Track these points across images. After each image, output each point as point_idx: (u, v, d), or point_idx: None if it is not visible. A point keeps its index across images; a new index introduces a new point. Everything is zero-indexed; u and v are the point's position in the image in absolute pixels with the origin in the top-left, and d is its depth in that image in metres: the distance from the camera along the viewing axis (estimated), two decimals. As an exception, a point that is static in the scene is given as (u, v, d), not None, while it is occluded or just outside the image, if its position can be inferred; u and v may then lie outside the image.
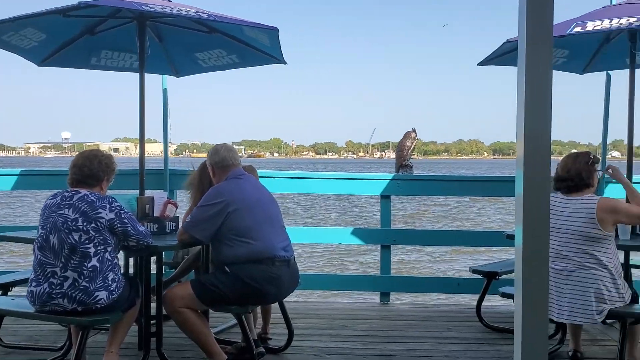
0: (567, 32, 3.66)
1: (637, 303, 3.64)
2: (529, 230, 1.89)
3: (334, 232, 5.93)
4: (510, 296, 3.97)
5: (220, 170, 3.66)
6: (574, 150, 3.95)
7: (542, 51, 1.84)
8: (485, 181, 5.21)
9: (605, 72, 5.11)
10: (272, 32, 4.01)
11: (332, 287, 6.01)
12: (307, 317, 4.82)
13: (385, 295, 5.41)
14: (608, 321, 4.37)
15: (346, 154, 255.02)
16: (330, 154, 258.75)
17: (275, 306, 4.03)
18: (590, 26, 3.63)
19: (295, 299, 5.78)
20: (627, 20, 3.54)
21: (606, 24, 3.59)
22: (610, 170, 3.79)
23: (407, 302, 5.86)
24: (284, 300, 3.92)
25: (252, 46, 4.51)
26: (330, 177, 5.52)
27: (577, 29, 3.66)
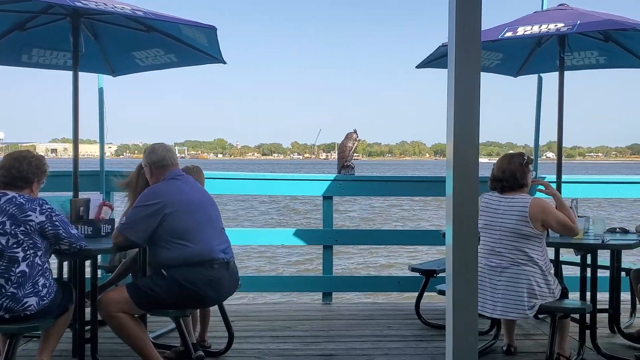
0: (499, 37, 3.78)
1: (567, 298, 3.79)
2: (458, 229, 1.94)
3: (275, 233, 5.91)
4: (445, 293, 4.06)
5: (158, 170, 3.59)
6: (510, 152, 4.07)
7: (471, 56, 1.89)
8: (422, 182, 5.31)
9: (537, 75, 5.31)
10: (210, 31, 3.96)
11: (274, 289, 6.00)
12: (249, 320, 4.79)
13: (327, 296, 5.44)
14: (540, 316, 4.55)
15: (292, 155, 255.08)
16: (276, 155, 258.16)
17: (215, 309, 3.99)
18: (521, 31, 3.77)
19: (236, 301, 5.74)
20: (555, 25, 3.69)
21: (536, 29, 3.73)
22: (543, 187, 3.91)
23: (349, 302, 5.91)
24: (224, 302, 3.88)
25: (190, 45, 4.44)
26: (272, 178, 5.50)
27: (509, 34, 3.79)
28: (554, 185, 4.76)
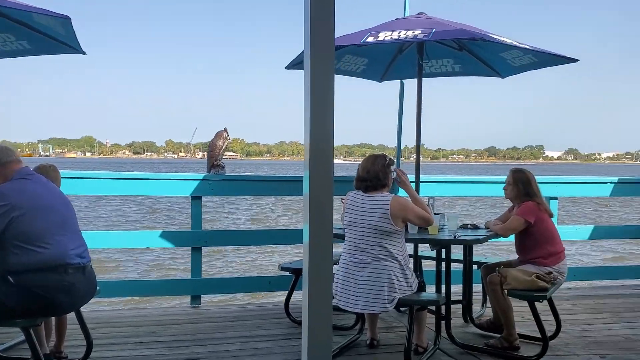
0: (362, 41, 3.91)
1: (424, 291, 4.01)
2: (314, 228, 1.97)
3: (140, 235, 5.66)
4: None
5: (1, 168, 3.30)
6: (374, 153, 4.22)
7: (325, 60, 1.92)
8: (294, 181, 5.33)
9: (399, 81, 5.56)
10: (65, 21, 3.72)
11: (139, 293, 5.76)
12: (111, 326, 4.56)
13: (195, 299, 5.32)
14: (402, 309, 4.76)
15: (166, 154, 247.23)
16: (149, 153, 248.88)
17: (73, 317, 3.74)
18: (382, 36, 3.92)
19: (98, 307, 5.44)
20: (413, 32, 3.89)
21: (395, 34, 3.90)
22: (398, 179, 4.11)
23: (218, 304, 5.82)
24: (83, 309, 3.65)
25: (45, 33, 4.14)
26: (136, 178, 5.25)
27: (370, 39, 3.93)
28: (412, 185, 5.02)
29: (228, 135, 5.61)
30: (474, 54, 4.95)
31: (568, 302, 5.57)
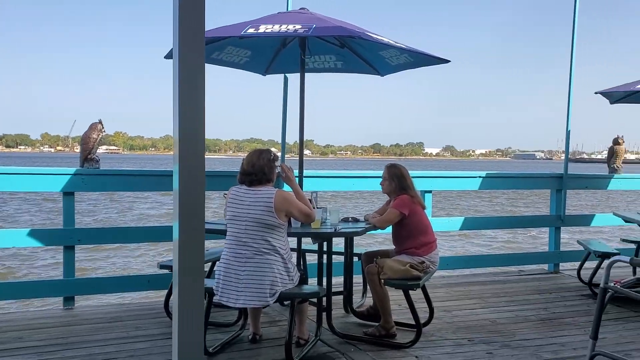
0: (242, 33, 3.87)
1: (306, 284, 4.06)
2: (185, 224, 1.91)
3: (6, 234, 5.22)
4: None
5: None
6: (258, 147, 4.21)
7: (194, 50, 1.86)
8: (170, 176, 5.17)
9: (283, 75, 5.57)
10: None
11: (5, 296, 5.33)
12: (-30, 334, 4.19)
13: (69, 300, 5.01)
14: (285, 302, 4.79)
15: (42, 148, 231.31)
16: (23, 147, 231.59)
17: None
18: (262, 28, 3.90)
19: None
20: (294, 27, 3.91)
21: (276, 28, 3.90)
22: (283, 174, 4.13)
23: (94, 305, 5.52)
24: None
25: None
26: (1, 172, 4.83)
27: (251, 30, 3.89)
28: (297, 180, 5.07)
29: (103, 128, 5.33)
30: (354, 51, 5.07)
31: (441, 289, 5.89)
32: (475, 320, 4.84)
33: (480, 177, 6.62)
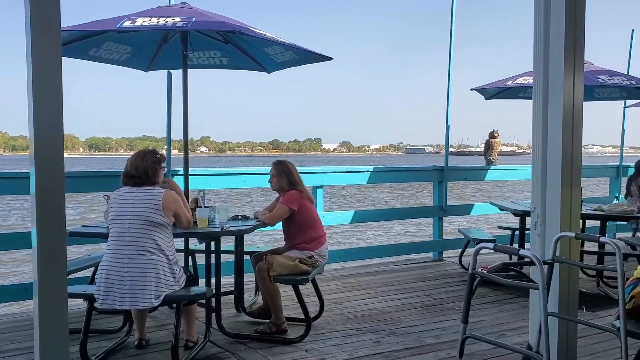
0: (117, 26, 3.71)
1: (195, 285, 3.97)
2: (44, 230, 1.79)
3: None
4: (75, 295, 3.85)
5: None
6: (142, 148, 4.05)
7: (50, 46, 1.75)
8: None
9: (167, 71, 5.42)
10: None
11: None
12: None
13: None
14: (174, 305, 4.67)
15: None
16: None
17: None
18: (140, 21, 3.76)
19: None
20: (173, 20, 3.80)
21: (154, 21, 3.77)
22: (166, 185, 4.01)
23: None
24: None
25: None
26: None
27: (127, 23, 3.74)
28: (182, 178, 4.96)
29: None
30: (239, 47, 5.01)
31: (334, 282, 6.00)
32: (364, 311, 4.98)
33: (368, 171, 6.81)
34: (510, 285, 2.77)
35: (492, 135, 12.04)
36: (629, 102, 8.54)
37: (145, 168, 3.72)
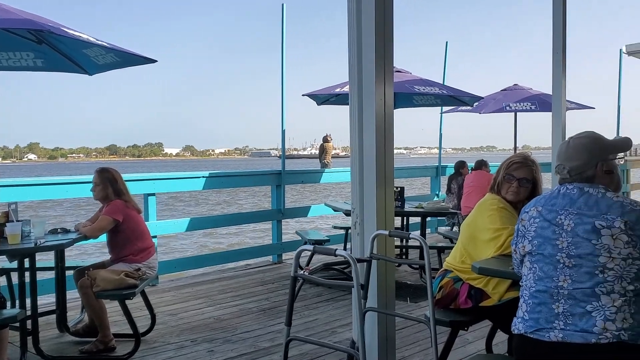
0: None
1: (4, 308, 3.61)
2: None
3: None
4: None
5: None
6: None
7: None
8: None
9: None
10: None
11: None
12: None
13: None
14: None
15: None
16: None
17: None
18: None
19: None
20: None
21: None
22: None
23: None
24: None
25: None
26: None
27: None
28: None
29: None
30: (56, 48, 4.65)
31: (169, 293, 5.82)
32: (200, 320, 4.89)
33: (204, 177, 6.70)
34: (329, 284, 2.88)
35: (325, 139, 12.52)
36: (445, 108, 9.36)
37: None
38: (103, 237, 4.40)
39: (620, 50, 11.12)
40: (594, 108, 10.12)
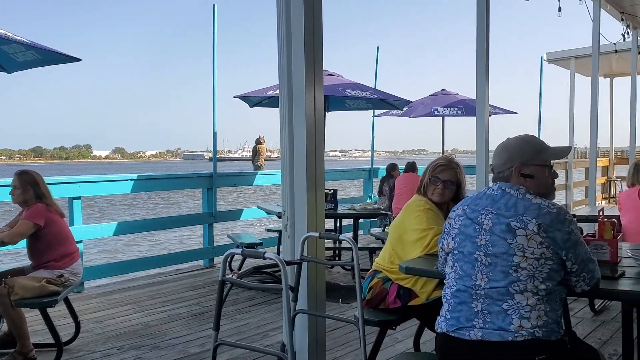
0: None
1: None
2: None
3: None
4: None
5: None
6: None
7: None
8: None
9: None
10: None
11: None
12: None
13: None
14: None
15: None
16: None
17: None
18: None
19: None
20: None
21: None
22: None
23: None
24: None
25: None
26: None
27: None
28: None
29: None
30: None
31: (96, 299, 5.63)
32: (128, 327, 4.75)
33: (132, 179, 6.52)
34: (257, 288, 2.87)
35: (258, 141, 12.45)
36: (377, 111, 9.52)
37: None
38: (22, 243, 4.20)
39: (542, 57, 11.67)
40: (516, 113, 10.56)
